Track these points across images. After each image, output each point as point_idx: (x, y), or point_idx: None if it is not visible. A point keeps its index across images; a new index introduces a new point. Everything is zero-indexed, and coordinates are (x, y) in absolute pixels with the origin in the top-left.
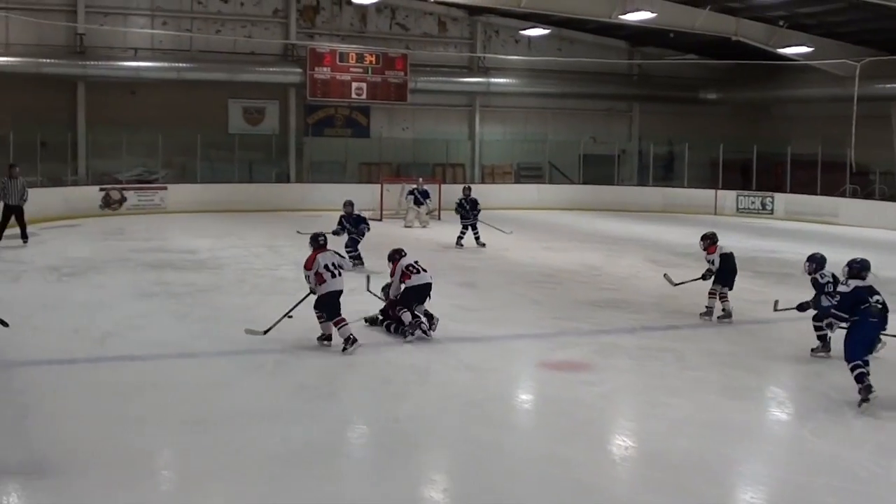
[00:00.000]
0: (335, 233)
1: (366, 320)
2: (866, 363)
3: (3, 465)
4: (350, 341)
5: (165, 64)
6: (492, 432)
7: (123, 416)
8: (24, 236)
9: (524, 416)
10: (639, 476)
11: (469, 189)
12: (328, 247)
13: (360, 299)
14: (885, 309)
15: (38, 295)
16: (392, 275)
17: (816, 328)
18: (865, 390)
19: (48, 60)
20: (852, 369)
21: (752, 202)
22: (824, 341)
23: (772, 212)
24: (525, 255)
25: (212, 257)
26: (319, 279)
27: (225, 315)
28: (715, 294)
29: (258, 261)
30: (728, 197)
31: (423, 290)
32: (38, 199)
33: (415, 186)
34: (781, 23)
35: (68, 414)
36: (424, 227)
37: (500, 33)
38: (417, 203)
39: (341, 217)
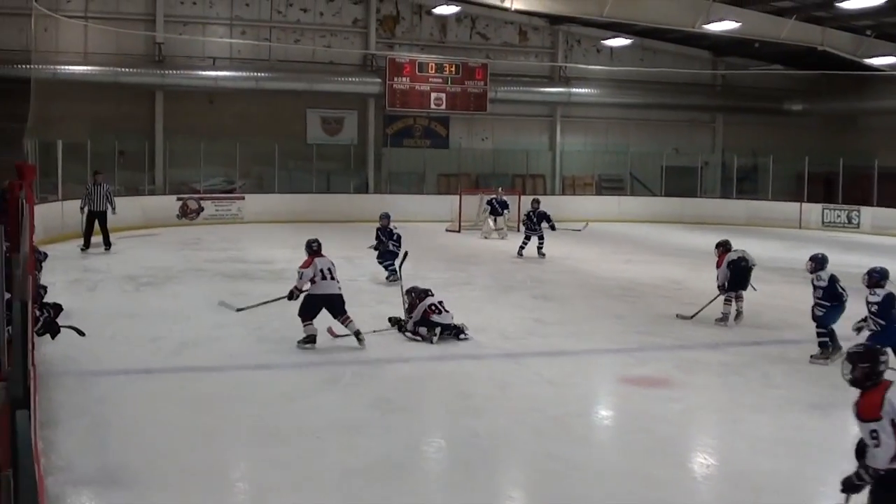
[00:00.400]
0: (375, 247)
1: (390, 320)
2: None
3: (80, 475)
4: (359, 335)
5: (244, 73)
6: (571, 448)
7: (199, 428)
8: (107, 243)
9: (604, 432)
10: (721, 496)
11: (538, 202)
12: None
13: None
14: None
15: (116, 304)
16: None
17: (819, 335)
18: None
19: (127, 69)
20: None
21: (838, 216)
22: (825, 348)
23: (858, 226)
24: (606, 268)
25: (288, 268)
26: (312, 282)
27: (301, 327)
28: (731, 300)
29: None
30: (813, 210)
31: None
32: (116, 208)
33: (493, 197)
34: (868, 32)
35: (145, 424)
36: (503, 238)
37: (581, 43)
38: (495, 214)
39: (377, 230)
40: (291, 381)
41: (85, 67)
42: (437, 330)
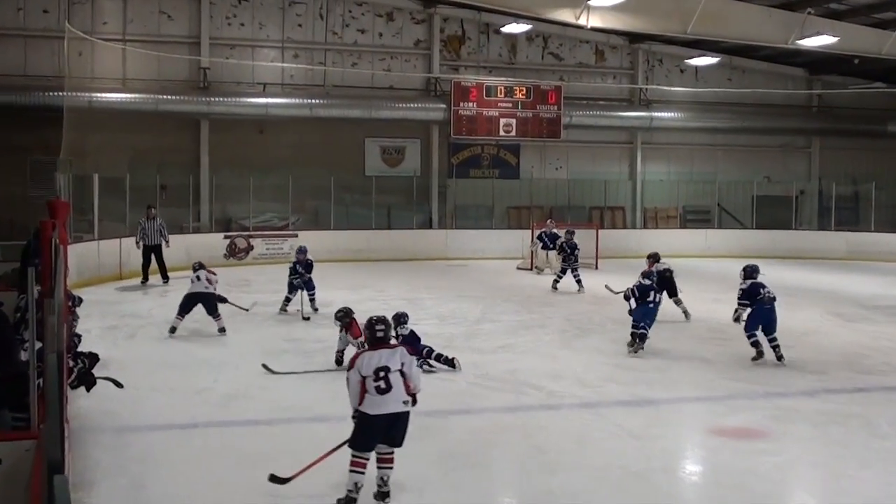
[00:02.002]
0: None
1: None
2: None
3: None
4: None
5: (297, 100)
6: None
7: (250, 487)
8: (165, 276)
9: (692, 489)
10: None
11: (572, 233)
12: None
13: None
14: (773, 298)
15: (157, 353)
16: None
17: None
18: (758, 355)
19: (169, 97)
20: (749, 337)
21: None
22: (758, 348)
23: None
24: (692, 308)
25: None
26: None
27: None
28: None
29: None
30: None
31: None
32: (169, 241)
33: (543, 230)
34: None
35: (189, 485)
36: (541, 273)
37: (663, 62)
38: (546, 248)
39: (294, 265)
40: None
41: (122, 95)
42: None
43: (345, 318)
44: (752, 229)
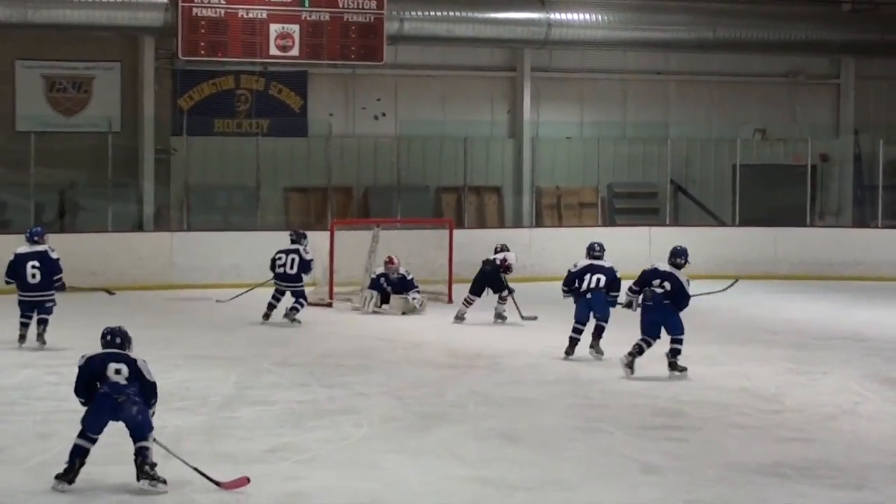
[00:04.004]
0: None
1: None
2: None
3: None
4: None
5: None
6: None
7: None
8: None
9: None
10: None
11: (393, 261)
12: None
13: None
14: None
15: None
16: None
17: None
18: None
19: None
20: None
21: None
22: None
23: None
24: (631, 380)
25: None
26: None
27: None
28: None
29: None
30: None
31: None
32: None
33: (384, 273)
34: None
35: None
36: (412, 312)
37: None
38: (388, 293)
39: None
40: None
41: None
42: None
43: None
44: (732, 226)
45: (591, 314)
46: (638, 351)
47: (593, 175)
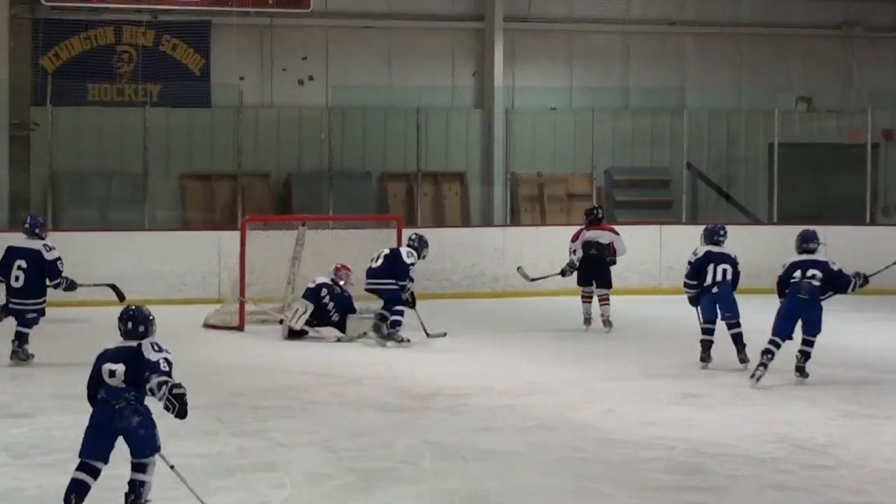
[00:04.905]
0: None
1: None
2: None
3: None
4: None
5: None
6: None
7: None
8: None
9: None
10: None
11: (343, 271)
12: None
13: None
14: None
15: None
16: None
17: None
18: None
19: None
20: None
21: None
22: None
23: None
24: (628, 417)
25: None
26: None
27: None
28: (589, 298)
29: None
30: None
31: None
32: None
33: (325, 282)
34: None
35: None
36: (357, 338)
37: None
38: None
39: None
40: None
41: None
42: None
43: None
44: (769, 224)
45: (719, 315)
46: (770, 358)
47: (586, 158)
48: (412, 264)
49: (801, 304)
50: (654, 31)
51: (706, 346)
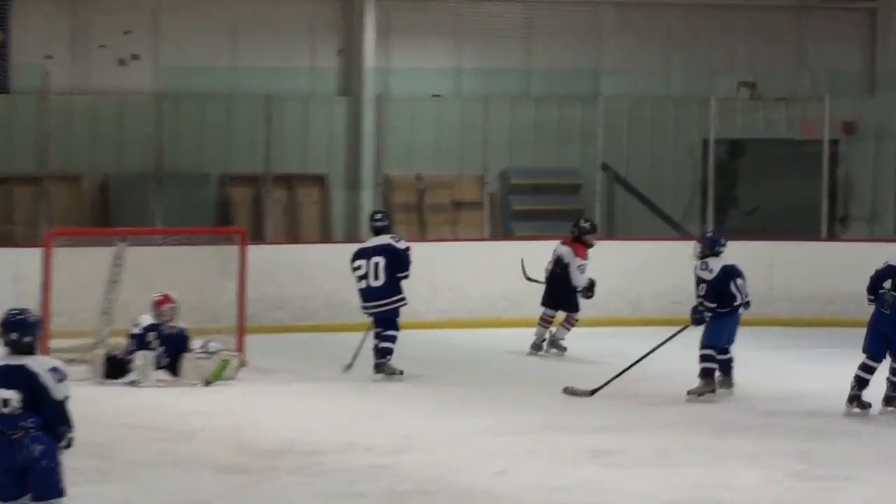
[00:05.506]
0: None
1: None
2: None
3: None
4: None
5: None
6: None
7: None
8: None
9: None
10: None
11: (169, 303)
12: None
13: None
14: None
15: None
16: None
17: (703, 357)
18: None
19: None
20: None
21: None
22: (708, 377)
23: None
24: (524, 480)
25: None
26: None
27: None
28: (548, 323)
29: None
30: None
31: None
32: None
33: (151, 324)
34: None
35: None
36: (217, 378)
37: None
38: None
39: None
40: None
41: None
42: None
43: None
44: (691, 235)
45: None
46: (862, 385)
47: (477, 157)
48: (408, 247)
49: (886, 320)
50: (564, 0)
51: (713, 373)
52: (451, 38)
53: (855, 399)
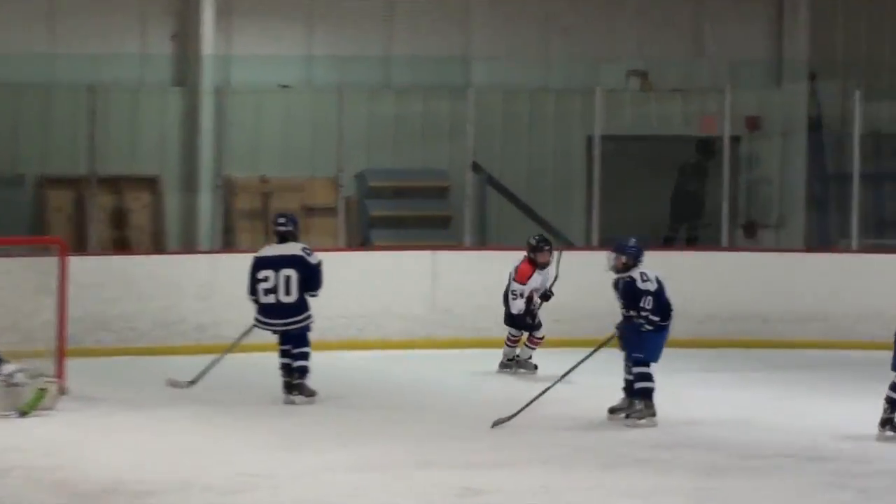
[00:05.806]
0: None
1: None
2: None
3: None
4: None
5: None
6: None
7: None
8: None
9: None
10: None
11: None
12: None
13: None
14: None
15: None
16: None
17: (640, 376)
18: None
19: None
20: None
21: None
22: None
23: None
24: None
25: None
26: None
27: None
28: (515, 341)
29: None
30: None
31: None
32: None
33: None
34: None
35: None
36: (32, 408)
37: None
38: None
39: None
40: None
41: None
42: None
43: None
44: (586, 249)
45: None
46: (895, 406)
47: (330, 156)
48: (320, 262)
49: None
50: None
51: (652, 395)
52: (301, 22)
53: (888, 422)
